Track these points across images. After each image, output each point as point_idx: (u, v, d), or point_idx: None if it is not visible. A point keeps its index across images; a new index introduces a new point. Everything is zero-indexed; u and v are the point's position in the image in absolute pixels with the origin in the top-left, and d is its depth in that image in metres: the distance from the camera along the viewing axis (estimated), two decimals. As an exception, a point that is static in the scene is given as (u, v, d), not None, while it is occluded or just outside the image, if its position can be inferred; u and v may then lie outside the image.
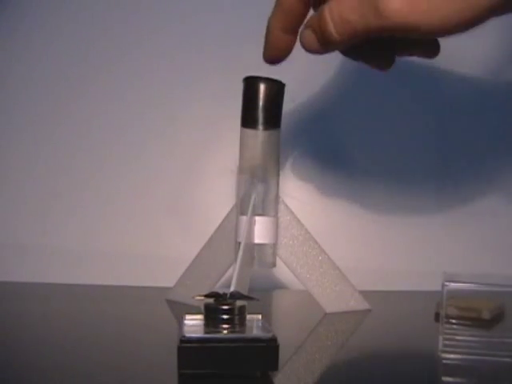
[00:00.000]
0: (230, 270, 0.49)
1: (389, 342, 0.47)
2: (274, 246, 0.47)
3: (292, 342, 0.44)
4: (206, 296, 0.38)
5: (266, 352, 0.35)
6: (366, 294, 0.54)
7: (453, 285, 0.42)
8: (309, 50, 0.40)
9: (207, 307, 0.37)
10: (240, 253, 0.42)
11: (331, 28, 0.37)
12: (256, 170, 0.46)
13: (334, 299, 0.53)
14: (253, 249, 0.46)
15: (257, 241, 0.46)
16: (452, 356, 0.41)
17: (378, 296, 0.63)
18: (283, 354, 0.35)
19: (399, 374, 0.39)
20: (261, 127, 0.45)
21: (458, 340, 0.41)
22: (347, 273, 0.53)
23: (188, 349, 0.35)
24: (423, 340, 0.46)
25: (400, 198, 0.69)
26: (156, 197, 0.68)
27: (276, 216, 0.47)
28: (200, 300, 0.38)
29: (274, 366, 0.35)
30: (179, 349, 0.35)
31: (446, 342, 0.41)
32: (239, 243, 0.45)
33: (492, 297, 0.49)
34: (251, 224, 0.45)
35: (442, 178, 0.69)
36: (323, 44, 0.39)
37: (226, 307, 0.37)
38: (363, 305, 0.54)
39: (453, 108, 0.69)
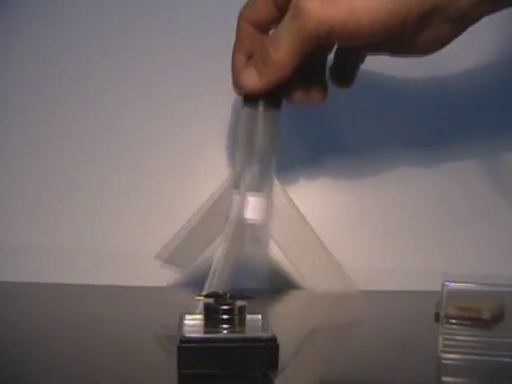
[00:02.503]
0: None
1: (389, 341, 0.47)
2: (267, 225, 0.46)
3: (292, 342, 0.44)
4: (206, 296, 0.39)
5: (266, 352, 0.35)
6: (366, 294, 0.54)
7: (453, 285, 0.42)
8: (249, 87, 0.43)
9: (207, 307, 0.37)
10: (229, 230, 0.42)
11: (270, 51, 0.41)
12: (254, 148, 0.45)
13: (324, 281, 0.51)
14: (244, 227, 0.45)
15: (249, 218, 0.44)
16: (452, 356, 0.41)
17: (378, 296, 0.63)
18: (283, 354, 0.35)
19: (399, 373, 0.39)
20: (261, 107, 0.44)
21: (457, 340, 0.41)
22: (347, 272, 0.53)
23: (188, 349, 0.35)
24: (423, 340, 0.46)
25: (400, 197, 0.69)
26: (157, 197, 0.68)
27: (270, 196, 0.46)
28: (200, 300, 0.38)
29: (274, 366, 0.35)
30: (179, 349, 0.35)
31: (446, 342, 0.41)
32: (229, 220, 0.44)
33: (492, 297, 0.49)
34: (244, 202, 0.44)
35: (441, 178, 0.69)
36: (264, 73, 0.42)
37: (225, 307, 0.37)
38: (353, 287, 0.52)
39: (453, 107, 0.69)
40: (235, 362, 0.35)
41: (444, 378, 0.40)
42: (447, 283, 0.42)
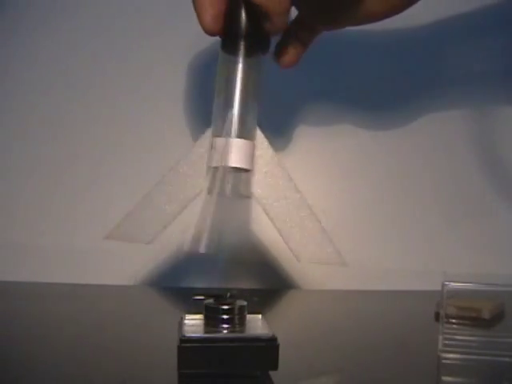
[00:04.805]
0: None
1: (389, 341, 0.47)
2: (250, 173, 0.42)
3: (292, 342, 0.44)
4: (206, 296, 0.39)
5: (266, 351, 0.35)
6: (366, 294, 0.54)
7: (453, 284, 0.42)
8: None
9: (207, 307, 0.37)
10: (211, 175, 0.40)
11: None
12: (234, 94, 0.41)
13: (307, 247, 0.44)
14: (227, 174, 0.40)
15: (234, 164, 0.40)
16: (452, 356, 0.41)
17: (378, 296, 0.63)
18: (283, 354, 0.35)
19: (399, 373, 0.39)
20: (241, 53, 0.41)
21: (457, 340, 0.41)
22: (346, 272, 0.53)
23: (188, 348, 0.35)
24: (423, 339, 0.46)
25: (399, 198, 0.69)
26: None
27: (254, 142, 0.42)
28: (200, 300, 0.38)
29: (274, 365, 0.35)
30: (179, 348, 0.35)
31: (446, 342, 0.41)
32: (212, 167, 0.40)
33: (492, 296, 0.49)
34: (228, 145, 0.40)
35: (441, 178, 0.69)
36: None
37: (225, 307, 0.37)
38: (338, 259, 0.45)
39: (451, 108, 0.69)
40: (235, 362, 0.35)
41: (444, 378, 0.40)
42: (447, 283, 0.42)
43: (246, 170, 0.41)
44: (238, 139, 0.41)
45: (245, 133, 0.41)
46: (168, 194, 0.44)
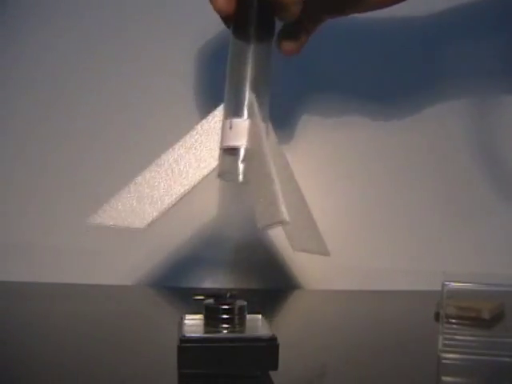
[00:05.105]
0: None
1: (388, 341, 0.47)
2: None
3: (292, 342, 0.44)
4: (206, 296, 0.39)
5: (266, 351, 0.35)
6: (366, 294, 0.54)
7: (452, 284, 0.42)
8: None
9: (207, 307, 0.37)
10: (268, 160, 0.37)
11: None
12: (249, 79, 0.41)
13: (301, 239, 0.44)
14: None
15: (266, 146, 0.39)
16: (452, 356, 0.41)
17: (378, 296, 0.63)
18: (283, 354, 0.35)
19: (399, 373, 0.39)
20: (253, 38, 0.41)
21: (457, 340, 0.41)
22: (346, 272, 0.53)
23: (188, 348, 0.35)
24: (423, 339, 0.46)
25: (399, 197, 0.69)
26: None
27: (267, 125, 0.42)
28: (199, 300, 0.38)
29: (274, 365, 0.35)
30: (179, 348, 0.35)
31: (446, 342, 0.41)
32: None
33: (492, 297, 0.49)
34: (259, 128, 0.39)
35: (441, 178, 0.69)
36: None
37: (225, 307, 0.37)
38: (325, 250, 0.45)
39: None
40: (235, 362, 0.35)
41: (444, 378, 0.40)
42: (447, 283, 0.42)
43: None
44: (263, 122, 0.40)
45: (264, 117, 0.41)
46: (166, 174, 0.42)
